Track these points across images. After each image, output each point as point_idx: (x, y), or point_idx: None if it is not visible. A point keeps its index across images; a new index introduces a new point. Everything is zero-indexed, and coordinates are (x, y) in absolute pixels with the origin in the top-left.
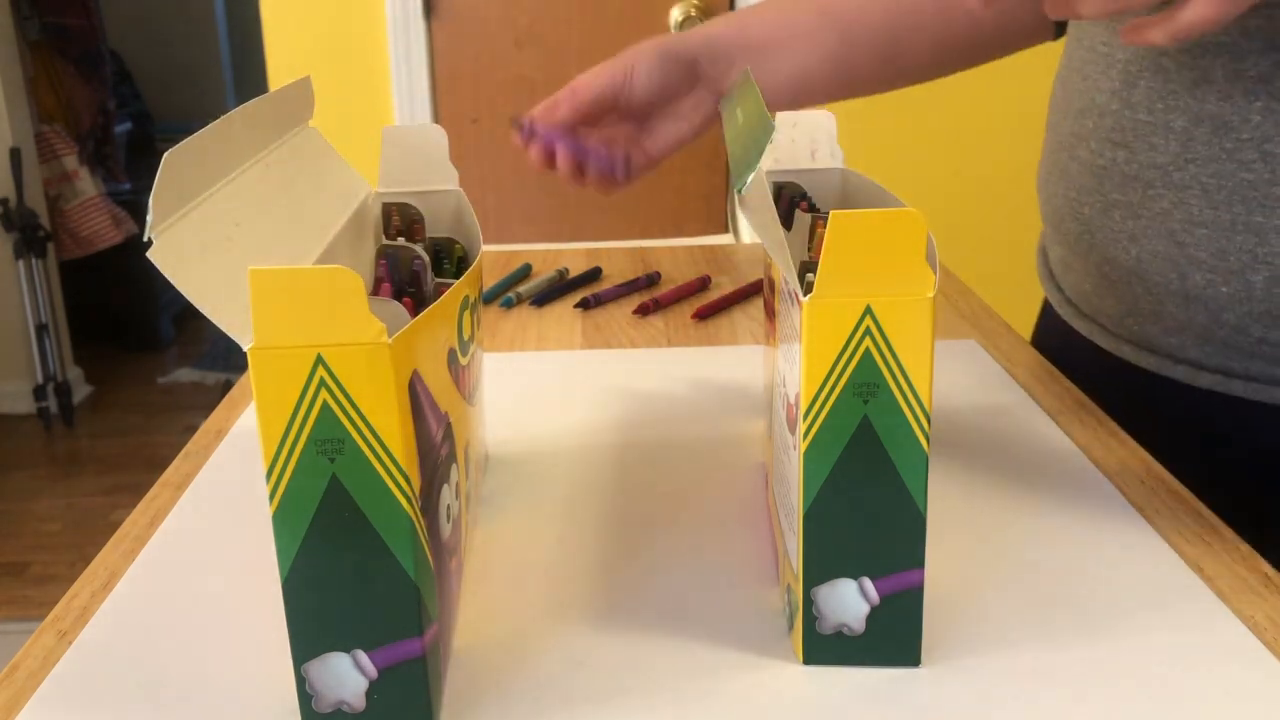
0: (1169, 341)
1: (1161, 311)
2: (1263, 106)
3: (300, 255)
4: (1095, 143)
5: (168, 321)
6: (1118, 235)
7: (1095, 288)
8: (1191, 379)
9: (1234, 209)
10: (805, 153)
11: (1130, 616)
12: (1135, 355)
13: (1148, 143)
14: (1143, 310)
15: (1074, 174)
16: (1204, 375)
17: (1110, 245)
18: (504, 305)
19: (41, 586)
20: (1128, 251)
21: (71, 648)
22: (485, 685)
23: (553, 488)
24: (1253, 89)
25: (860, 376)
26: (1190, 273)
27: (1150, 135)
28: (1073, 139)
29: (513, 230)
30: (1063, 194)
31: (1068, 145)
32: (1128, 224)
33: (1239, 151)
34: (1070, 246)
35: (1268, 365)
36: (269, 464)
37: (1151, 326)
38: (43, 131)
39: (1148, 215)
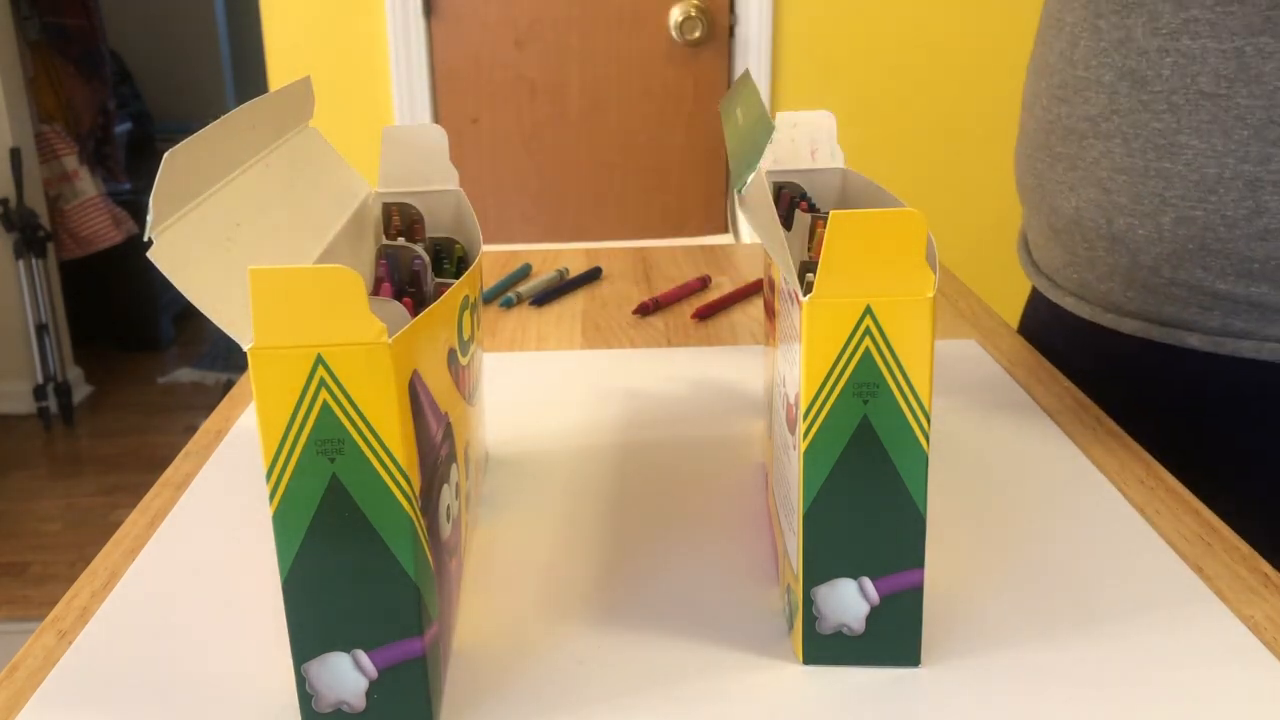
0: (1101, 288)
1: (1095, 258)
2: (1172, 62)
3: (300, 255)
4: (1046, 100)
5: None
6: (1060, 186)
7: (1046, 240)
8: (1118, 325)
9: (1147, 155)
10: (805, 153)
11: (1130, 616)
12: (1076, 305)
13: (1083, 96)
14: (1080, 258)
15: (1030, 131)
16: (1128, 321)
17: (1055, 195)
18: (504, 305)
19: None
20: (1068, 201)
21: (71, 648)
22: (485, 685)
23: (553, 488)
24: (1164, 45)
25: (860, 376)
26: (1115, 217)
27: (1085, 90)
28: (1031, 98)
29: (513, 230)
30: (1024, 153)
31: (1028, 105)
32: (1068, 175)
33: (1153, 103)
34: (1029, 203)
35: (1179, 308)
36: (269, 464)
37: (1088, 274)
38: (43, 131)
39: (1083, 165)
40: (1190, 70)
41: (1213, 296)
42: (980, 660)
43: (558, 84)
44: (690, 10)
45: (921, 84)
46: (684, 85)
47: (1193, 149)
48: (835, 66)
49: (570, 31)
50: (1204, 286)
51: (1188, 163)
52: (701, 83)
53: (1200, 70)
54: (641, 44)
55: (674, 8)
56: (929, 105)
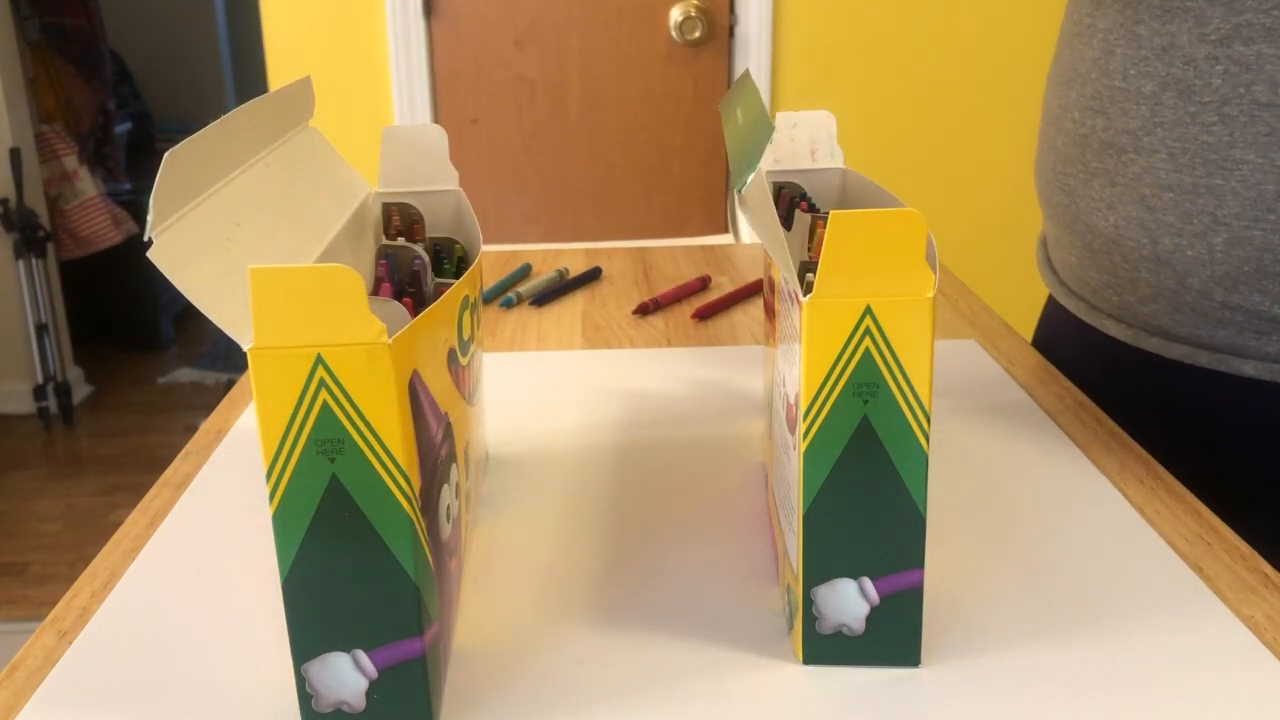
0: (1144, 311)
1: (1137, 279)
2: (1223, 70)
3: (300, 255)
4: (1078, 112)
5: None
6: (1097, 203)
7: (1080, 260)
8: (1164, 350)
9: (1195, 172)
10: (805, 153)
11: (1130, 616)
12: (1116, 329)
13: (1121, 109)
14: (1121, 279)
15: (1059, 146)
16: (1175, 346)
17: (1092, 214)
18: (504, 305)
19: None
20: (1106, 219)
21: (71, 648)
22: (485, 685)
23: (553, 488)
24: (1214, 53)
25: (860, 376)
26: (1160, 236)
27: (1124, 101)
28: (1059, 111)
29: (513, 230)
30: (1051, 167)
31: (1055, 118)
32: (1106, 191)
33: (1201, 114)
34: (1059, 220)
35: (1231, 333)
36: (269, 464)
37: (1129, 296)
38: (43, 131)
39: (1122, 181)
40: (1244, 79)
41: (1270, 321)
42: (980, 660)
43: (558, 84)
44: (690, 10)
45: (921, 84)
46: (684, 85)
47: (1248, 164)
48: (835, 66)
49: (570, 31)
50: (1260, 311)
51: (1242, 179)
52: (701, 83)
53: (1255, 79)
54: (641, 44)
55: (674, 8)
56: (929, 105)
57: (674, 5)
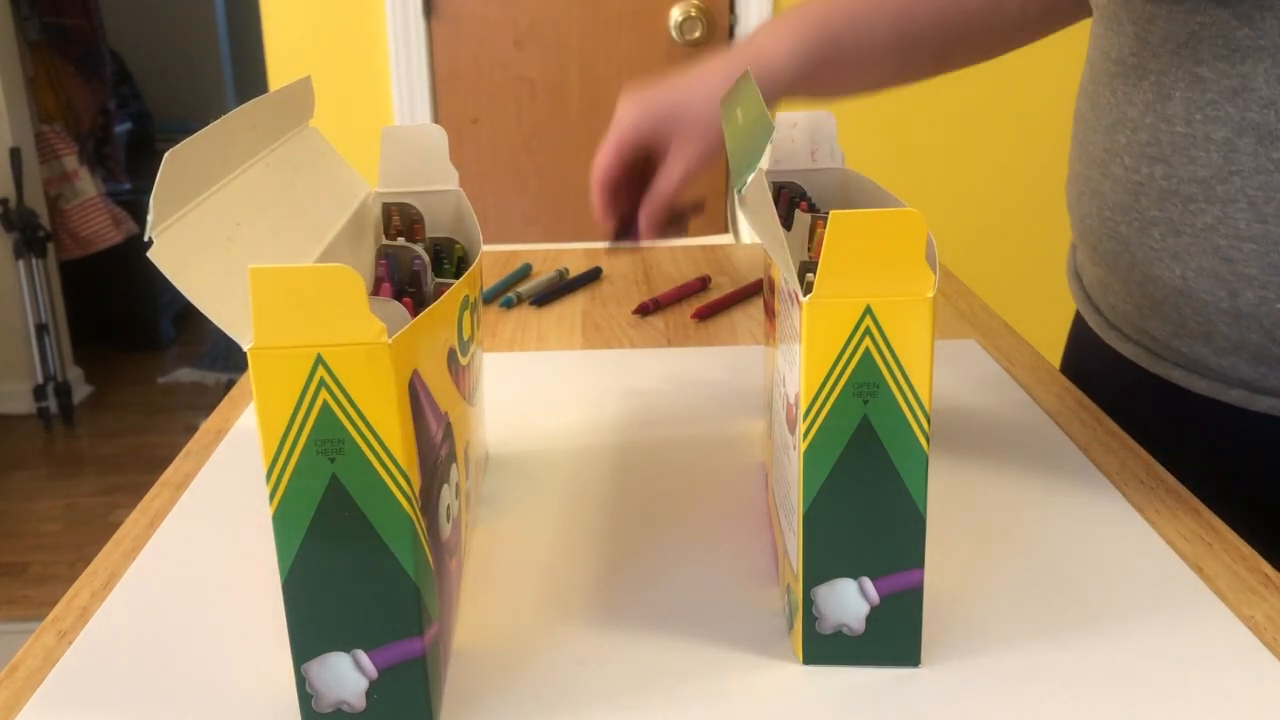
0: (1221, 363)
1: (1212, 332)
2: None
3: (300, 255)
4: (1129, 158)
5: (168, 321)
6: (1159, 253)
7: (1138, 308)
8: (1248, 403)
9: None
10: (805, 153)
11: (1130, 616)
12: (1187, 379)
13: (1187, 156)
14: (1191, 331)
15: (1107, 192)
16: (1261, 399)
17: (1152, 264)
18: (504, 305)
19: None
20: (1171, 270)
21: (71, 648)
22: (485, 685)
23: (553, 488)
24: None
25: (860, 376)
26: (1241, 290)
27: (1189, 148)
28: (1105, 155)
29: (513, 230)
30: (1096, 213)
31: (1099, 162)
32: (1168, 241)
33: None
34: (1109, 266)
35: None
36: (269, 464)
37: (1202, 348)
38: (43, 131)
39: (1190, 231)
40: None
41: None
42: (980, 660)
43: (558, 84)
44: (690, 10)
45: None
46: None
47: None
48: None
49: (570, 31)
50: None
51: None
52: None
53: None
54: (641, 44)
55: (674, 8)
56: (929, 105)
57: (674, 5)
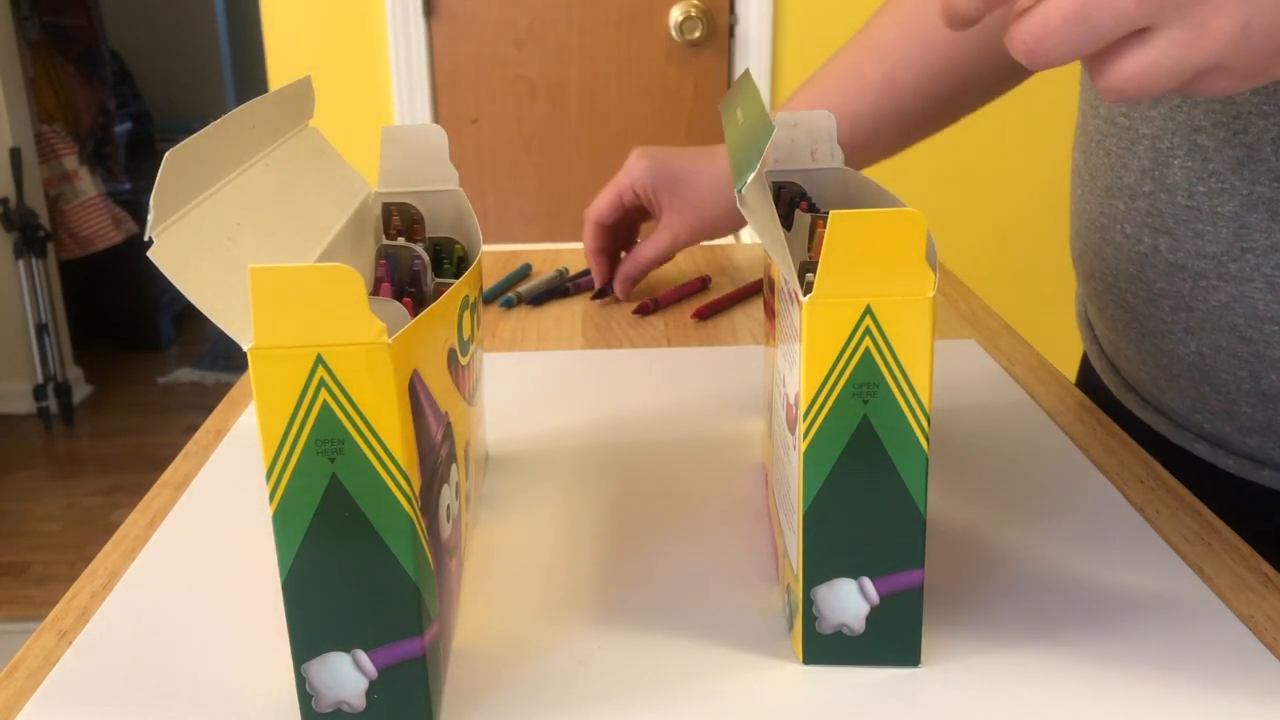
0: (1249, 442)
1: (1235, 411)
2: None
3: (300, 255)
4: (1130, 227)
5: (168, 321)
6: (1171, 328)
7: (1153, 379)
8: (1275, 483)
9: None
10: (805, 153)
11: (1130, 616)
12: (1212, 455)
13: (1193, 230)
14: (1213, 408)
15: (1110, 258)
16: None
17: (1164, 337)
18: (504, 305)
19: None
20: (1185, 345)
21: (71, 648)
22: (485, 685)
23: (553, 488)
24: None
25: (860, 376)
26: (1264, 372)
27: (1195, 222)
28: (1104, 220)
29: (513, 230)
30: (1101, 277)
31: (1100, 226)
32: (1180, 316)
33: None
34: (1120, 334)
35: None
36: (269, 464)
37: (1225, 425)
38: (43, 131)
39: (1203, 308)
40: None
41: None
42: (980, 660)
43: (558, 84)
44: (690, 10)
45: None
46: (684, 85)
47: None
48: None
49: (570, 31)
50: None
51: None
52: (701, 83)
53: None
54: (641, 44)
55: (674, 8)
56: None
57: (674, 5)
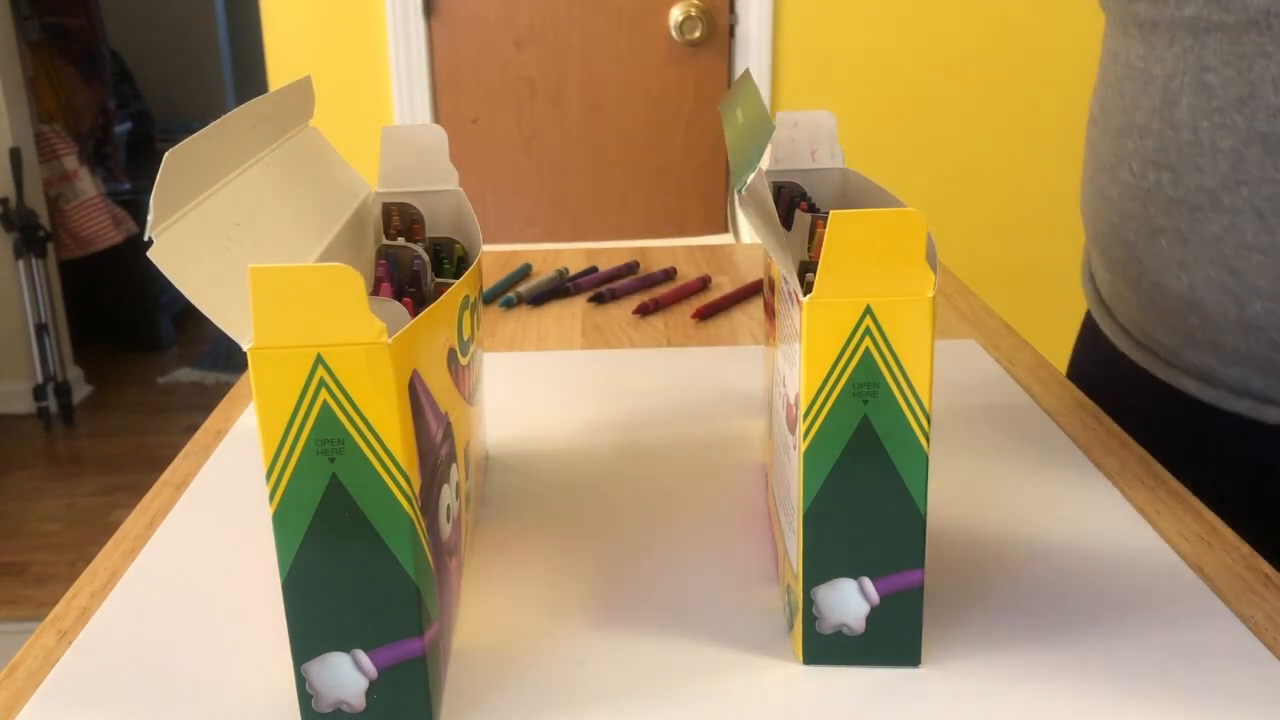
0: (1230, 374)
1: (1219, 342)
2: None
3: (300, 255)
4: (1137, 164)
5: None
6: (1166, 262)
7: (1147, 316)
8: (1258, 413)
9: None
10: (805, 153)
11: (1130, 616)
12: (1197, 389)
13: (1193, 164)
14: (1199, 341)
15: (1115, 198)
16: (1270, 410)
17: (1159, 272)
18: (504, 305)
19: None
20: (1179, 279)
21: (71, 648)
22: (485, 685)
23: (553, 488)
24: None
25: (860, 377)
26: (1249, 301)
27: (1196, 156)
28: (1114, 160)
29: (513, 230)
30: (1105, 218)
31: (1109, 167)
32: (1176, 250)
33: None
34: (1118, 273)
35: None
36: (269, 464)
37: (1210, 358)
38: (43, 131)
39: (1197, 241)
40: None
41: None
42: (980, 660)
43: (558, 84)
44: (690, 10)
45: (922, 84)
46: (684, 85)
47: None
48: (835, 66)
49: (570, 31)
50: None
51: None
52: (701, 83)
53: None
54: (641, 44)
55: (674, 8)
56: (929, 105)
57: (674, 5)
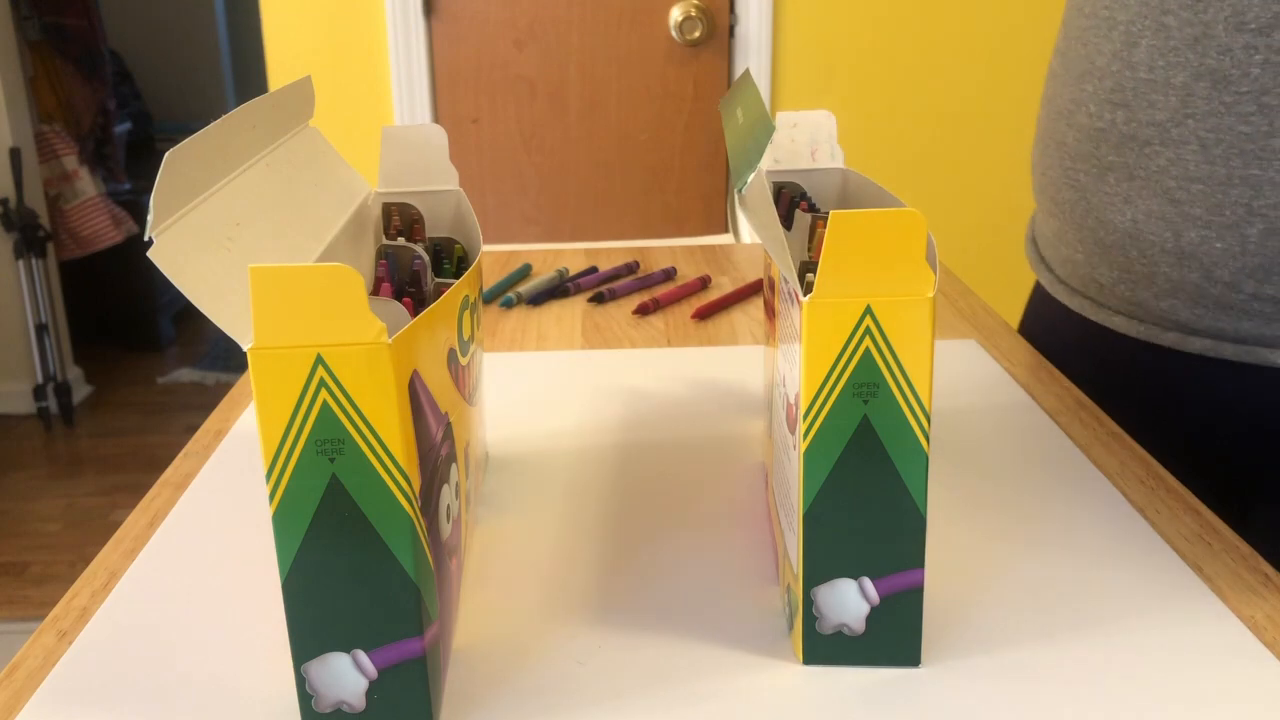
0: (1160, 306)
1: (1155, 274)
2: (1262, 59)
3: (300, 255)
4: (1094, 105)
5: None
6: (1113, 198)
7: (1088, 257)
8: (1181, 344)
9: (1230, 163)
10: (805, 153)
11: (1130, 616)
12: (1126, 325)
13: (1147, 100)
14: (1136, 274)
15: (1070, 141)
16: (1194, 340)
17: (1105, 209)
18: (504, 305)
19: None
20: (1122, 214)
21: (71, 648)
22: (485, 685)
23: (553, 488)
24: (1252, 41)
25: (860, 376)
26: (1185, 230)
27: (1150, 93)
28: (1071, 105)
29: (513, 230)
30: (1058, 163)
31: (1065, 113)
32: (1122, 186)
33: (1238, 105)
34: (1064, 216)
35: (1259, 324)
36: (269, 464)
37: (1144, 291)
38: (43, 131)
39: (1143, 175)
40: None
41: None
42: (980, 660)
43: (558, 84)
44: (690, 10)
45: (922, 84)
46: (684, 85)
47: None
48: (835, 66)
49: (570, 31)
50: None
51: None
52: (701, 83)
53: None
54: (641, 44)
55: (674, 8)
56: (929, 105)
57: (674, 5)
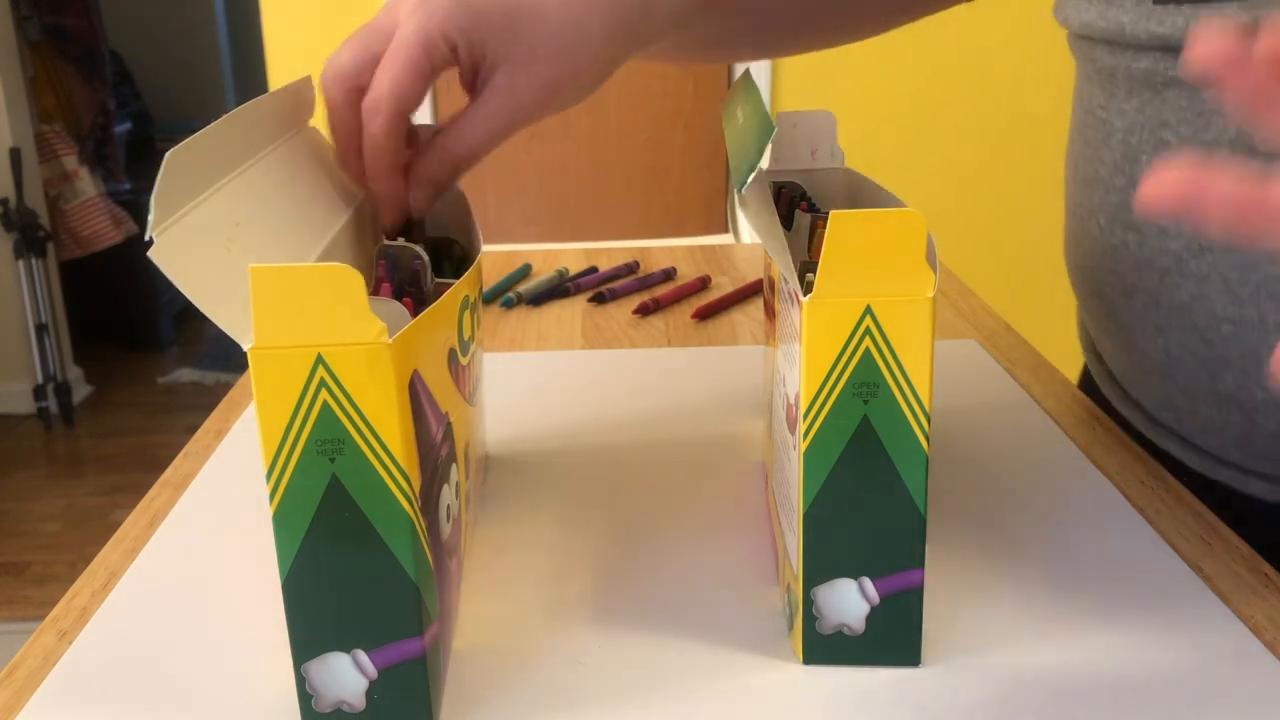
0: (1210, 442)
1: (1196, 411)
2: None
3: (300, 255)
4: (1104, 220)
5: (168, 321)
6: (1143, 323)
7: (1127, 374)
8: (1239, 484)
9: (1262, 305)
10: (805, 153)
11: (1130, 616)
12: (1181, 452)
13: (1157, 226)
14: (1178, 407)
15: (1088, 250)
16: (1253, 481)
17: (1137, 333)
18: (504, 305)
19: (41, 586)
20: (1154, 342)
21: (71, 648)
22: (485, 685)
23: (553, 488)
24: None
25: (860, 376)
26: (1220, 373)
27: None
28: (1083, 212)
29: (513, 230)
30: (1081, 268)
31: (1080, 217)
32: (1150, 311)
33: None
34: (1099, 326)
35: None
36: (269, 464)
37: (1189, 424)
38: (43, 131)
39: (1169, 305)
40: None
41: None
42: (980, 660)
43: None
44: None
45: (922, 84)
46: (684, 85)
47: None
48: (835, 66)
49: None
50: None
51: None
52: (701, 83)
53: None
54: None
55: None
56: (929, 105)
57: None
